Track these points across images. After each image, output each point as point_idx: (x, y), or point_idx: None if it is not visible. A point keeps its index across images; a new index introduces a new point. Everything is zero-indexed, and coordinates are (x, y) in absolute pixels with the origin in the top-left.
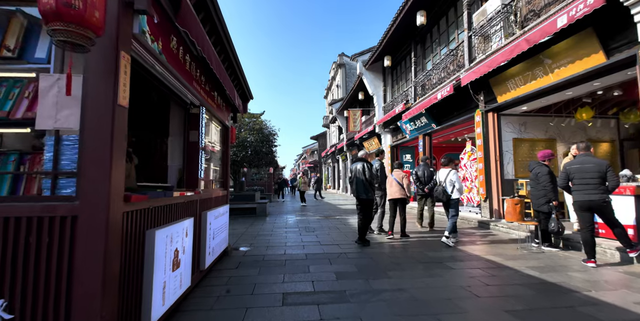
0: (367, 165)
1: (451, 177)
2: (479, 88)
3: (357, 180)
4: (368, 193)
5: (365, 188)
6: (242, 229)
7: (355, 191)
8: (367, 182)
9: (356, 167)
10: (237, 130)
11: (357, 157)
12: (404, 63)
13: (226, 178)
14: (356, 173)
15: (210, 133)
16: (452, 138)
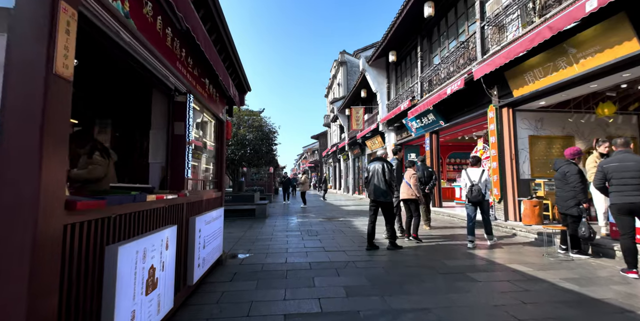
0: (388, 165)
1: (486, 177)
2: (492, 82)
3: (375, 181)
4: (387, 196)
5: (384, 190)
6: (239, 233)
7: (373, 193)
8: (387, 183)
9: (375, 167)
10: (236, 127)
11: (375, 155)
12: (409, 58)
13: (221, 178)
14: (375, 174)
15: (201, 127)
16: (459, 136)
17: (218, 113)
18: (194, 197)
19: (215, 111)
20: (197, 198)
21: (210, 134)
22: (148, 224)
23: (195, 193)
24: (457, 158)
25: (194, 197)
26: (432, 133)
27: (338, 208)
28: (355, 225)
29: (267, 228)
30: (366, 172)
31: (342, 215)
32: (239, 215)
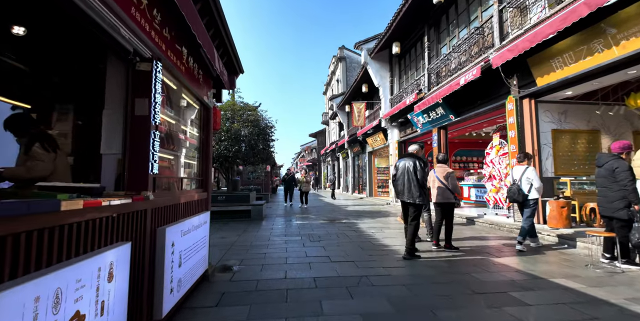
0: (420, 163)
1: (528, 174)
2: (512, 71)
3: (406, 180)
4: (419, 197)
5: (415, 191)
6: (232, 237)
7: (403, 193)
8: (420, 183)
9: (405, 164)
10: (229, 121)
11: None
12: (414, 50)
13: (207, 176)
14: (405, 173)
15: (181, 113)
16: (467, 132)
17: (202, 95)
18: (166, 200)
19: (198, 93)
20: (170, 201)
21: (193, 122)
22: (67, 248)
23: (167, 195)
24: (463, 156)
25: (164, 201)
26: (440, 129)
27: (339, 208)
28: (360, 228)
29: (264, 231)
30: (394, 169)
31: (344, 216)
32: (233, 216)
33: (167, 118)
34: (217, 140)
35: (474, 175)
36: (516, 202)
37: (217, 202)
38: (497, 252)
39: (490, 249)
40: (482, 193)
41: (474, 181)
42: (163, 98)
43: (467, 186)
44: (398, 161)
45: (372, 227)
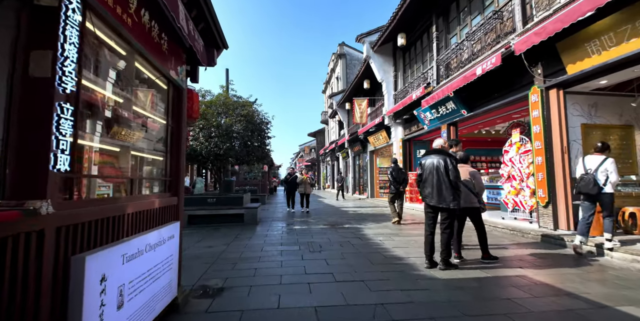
0: (452, 160)
1: (607, 165)
2: (536, 58)
3: (435, 181)
4: (453, 201)
5: (449, 193)
6: (220, 246)
7: (432, 197)
8: (453, 184)
9: (433, 162)
10: (221, 116)
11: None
12: (421, 42)
13: (178, 176)
14: (434, 172)
15: (130, 85)
16: (479, 129)
17: (168, 69)
18: (93, 211)
19: (161, 65)
20: (103, 213)
21: (156, 105)
22: None
23: (99, 203)
24: (471, 155)
25: (90, 213)
26: (450, 126)
27: (339, 210)
28: (366, 235)
29: (257, 239)
30: (419, 168)
31: (346, 220)
32: (224, 221)
33: (108, 93)
34: (206, 136)
35: (484, 175)
36: (587, 194)
37: (206, 204)
38: (532, 266)
39: (522, 262)
40: (495, 195)
41: (485, 182)
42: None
43: None
44: (423, 158)
45: (378, 233)
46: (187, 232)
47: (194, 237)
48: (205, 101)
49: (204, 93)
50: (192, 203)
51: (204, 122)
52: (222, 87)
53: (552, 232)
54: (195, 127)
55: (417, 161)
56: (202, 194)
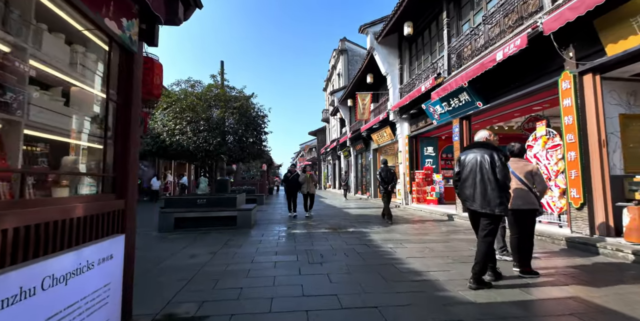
0: (499, 155)
1: None
2: (567, 39)
3: (478, 181)
4: (500, 206)
5: (495, 196)
6: (204, 256)
7: (473, 200)
8: (501, 184)
9: (476, 158)
10: (209, 107)
11: (473, 141)
12: (429, 32)
13: (127, 172)
14: (477, 170)
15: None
16: (494, 123)
17: (102, 16)
18: None
19: (88, 6)
20: None
21: (83, 68)
22: None
23: None
24: None
25: None
26: (463, 120)
27: (341, 211)
28: (373, 241)
29: (249, 246)
30: (457, 165)
31: (349, 223)
32: (215, 224)
33: None
34: (194, 130)
35: None
36: None
37: (195, 206)
38: (581, 282)
39: (567, 277)
40: None
41: None
42: None
43: None
44: (462, 154)
45: (387, 238)
46: (172, 238)
47: (178, 243)
48: (195, 93)
49: (194, 84)
50: (179, 205)
51: (192, 114)
52: (213, 77)
53: (587, 237)
54: (182, 119)
55: (424, 159)
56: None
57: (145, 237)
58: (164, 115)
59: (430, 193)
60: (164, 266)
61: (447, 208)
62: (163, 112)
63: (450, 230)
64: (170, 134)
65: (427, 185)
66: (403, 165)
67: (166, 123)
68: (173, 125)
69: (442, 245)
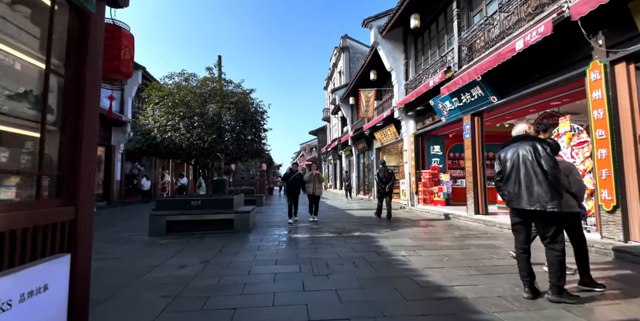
0: (544, 145)
1: None
2: (597, 26)
3: (522, 176)
4: (552, 201)
5: (544, 190)
6: (195, 266)
7: (520, 197)
8: (550, 176)
9: (518, 152)
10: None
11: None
12: (436, 24)
13: (76, 171)
14: (520, 165)
15: None
16: (507, 120)
17: None
18: None
19: None
20: None
21: (16, 29)
22: None
23: None
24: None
25: None
26: (475, 116)
27: (345, 213)
28: (383, 248)
29: (246, 254)
30: (497, 164)
31: (354, 226)
32: (211, 227)
33: None
34: (187, 126)
35: None
36: None
37: (189, 208)
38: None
39: (622, 293)
40: None
41: None
42: None
43: None
44: (503, 151)
45: (398, 244)
46: (163, 243)
47: (168, 250)
48: (190, 86)
49: (188, 77)
50: (172, 207)
51: (185, 109)
52: (208, 70)
53: (622, 244)
54: (175, 115)
55: (430, 158)
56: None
57: (132, 243)
58: (155, 111)
59: (438, 194)
60: (148, 279)
61: (456, 209)
62: (155, 107)
63: (463, 234)
64: (162, 131)
65: (434, 186)
66: (408, 164)
67: (157, 119)
68: (165, 121)
69: (460, 253)
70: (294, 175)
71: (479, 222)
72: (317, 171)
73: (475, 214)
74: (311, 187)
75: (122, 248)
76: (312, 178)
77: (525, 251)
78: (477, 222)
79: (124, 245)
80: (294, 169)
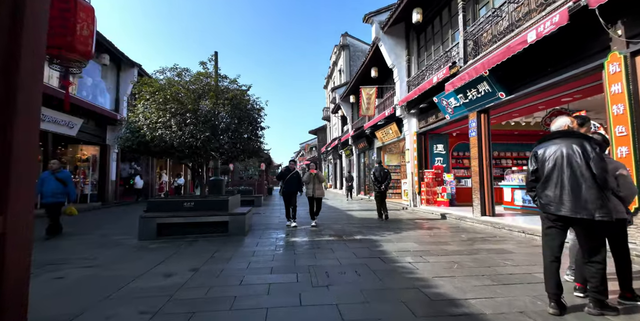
0: (592, 144)
1: None
2: (615, 15)
3: (567, 178)
4: (601, 209)
5: (594, 196)
6: (183, 274)
7: (561, 202)
8: (600, 181)
9: (561, 150)
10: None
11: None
12: (440, 19)
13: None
14: (565, 164)
15: None
16: (514, 118)
17: None
18: None
19: None
20: None
21: None
22: None
23: None
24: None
25: None
26: (481, 113)
27: (344, 214)
28: (386, 253)
29: (239, 260)
30: (532, 161)
31: (355, 228)
32: (205, 230)
33: None
34: (179, 123)
35: (517, 173)
36: None
37: (181, 210)
38: None
39: None
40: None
41: (520, 181)
42: None
43: (509, 187)
44: (540, 147)
45: (402, 249)
46: (152, 248)
47: (155, 255)
48: (182, 82)
49: (180, 72)
50: (164, 208)
51: (177, 105)
52: (202, 64)
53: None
54: (166, 111)
55: (433, 157)
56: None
57: (120, 247)
58: (145, 107)
59: (441, 195)
60: (129, 290)
61: (460, 210)
62: (145, 104)
63: (471, 237)
64: (152, 128)
65: (437, 186)
66: (411, 164)
67: (147, 115)
68: (155, 118)
69: (470, 259)
70: (292, 173)
71: (486, 224)
72: (316, 170)
73: (481, 216)
74: (311, 189)
75: (108, 253)
76: (311, 178)
77: (557, 260)
78: (485, 224)
79: (111, 250)
80: (292, 167)
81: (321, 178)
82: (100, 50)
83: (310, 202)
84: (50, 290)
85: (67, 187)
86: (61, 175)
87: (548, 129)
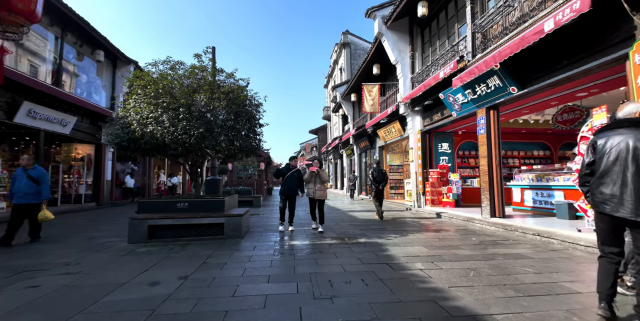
0: None
1: None
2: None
3: (630, 174)
4: None
5: None
6: (171, 283)
7: (621, 202)
8: None
9: (627, 141)
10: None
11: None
12: (445, 13)
13: None
14: (631, 158)
15: None
16: (524, 114)
17: None
18: None
19: None
20: None
21: None
22: None
23: None
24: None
25: None
26: (490, 109)
27: (346, 215)
28: (394, 258)
29: (233, 267)
30: (589, 153)
31: (359, 231)
32: (197, 233)
33: None
34: (170, 119)
35: (528, 172)
36: None
37: (174, 211)
38: None
39: None
40: (546, 198)
41: (531, 181)
42: None
43: (518, 187)
44: (600, 137)
45: (411, 254)
46: (141, 252)
47: (144, 261)
48: (176, 75)
49: (174, 65)
50: (156, 209)
51: (169, 99)
52: (197, 57)
53: None
54: (158, 106)
55: (438, 157)
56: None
57: (107, 251)
58: (136, 102)
59: (447, 195)
60: (106, 302)
61: (467, 211)
62: (136, 98)
63: (482, 240)
64: (142, 124)
65: (442, 186)
66: (415, 163)
67: (137, 110)
68: (147, 113)
69: (487, 265)
70: (292, 171)
71: (497, 226)
72: (317, 168)
73: (491, 217)
74: (311, 189)
75: (93, 258)
76: (311, 177)
77: (617, 263)
78: (495, 226)
79: (97, 254)
80: (293, 165)
81: (323, 177)
82: (95, 46)
83: (312, 203)
84: (20, 302)
85: (41, 186)
86: (34, 172)
87: (558, 127)
